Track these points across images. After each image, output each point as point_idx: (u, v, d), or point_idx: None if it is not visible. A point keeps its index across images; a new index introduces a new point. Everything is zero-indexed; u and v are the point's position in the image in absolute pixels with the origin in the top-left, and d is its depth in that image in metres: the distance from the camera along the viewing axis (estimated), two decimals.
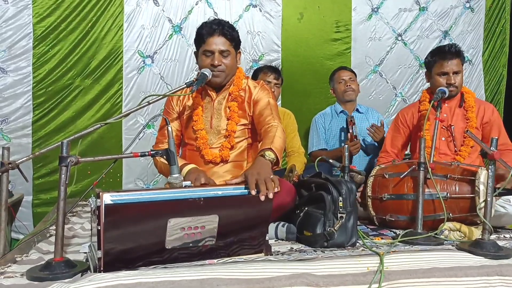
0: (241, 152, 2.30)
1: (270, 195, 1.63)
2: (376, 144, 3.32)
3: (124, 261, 1.57)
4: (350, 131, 3.12)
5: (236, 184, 1.79)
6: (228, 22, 2.24)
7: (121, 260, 1.56)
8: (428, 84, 2.93)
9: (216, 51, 2.18)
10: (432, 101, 2.60)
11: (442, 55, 2.73)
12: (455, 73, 2.70)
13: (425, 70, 2.89)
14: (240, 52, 2.31)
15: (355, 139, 3.11)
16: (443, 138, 2.73)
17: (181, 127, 2.36)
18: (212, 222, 1.65)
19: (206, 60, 2.20)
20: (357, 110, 3.53)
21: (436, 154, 2.65)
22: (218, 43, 2.17)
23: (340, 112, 3.50)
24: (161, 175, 3.19)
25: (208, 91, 2.28)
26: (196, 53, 2.31)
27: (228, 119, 2.26)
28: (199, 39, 2.23)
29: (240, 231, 1.73)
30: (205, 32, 2.19)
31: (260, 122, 2.22)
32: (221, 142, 2.27)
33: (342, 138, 3.30)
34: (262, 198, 1.62)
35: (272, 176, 1.75)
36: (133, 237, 1.57)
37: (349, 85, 3.42)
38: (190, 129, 2.31)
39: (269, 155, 1.93)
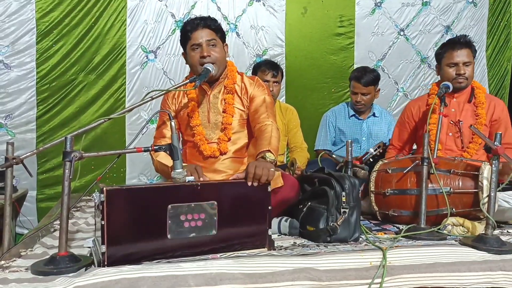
0: (240, 148, 2.30)
1: (255, 183, 1.77)
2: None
3: (127, 256, 1.58)
4: (370, 151, 2.99)
5: (237, 178, 1.83)
6: (209, 16, 2.27)
7: (124, 255, 1.57)
8: (430, 79, 2.89)
9: (203, 43, 2.18)
10: (436, 96, 2.57)
11: (452, 45, 2.67)
12: (465, 64, 2.63)
13: (436, 63, 2.81)
14: (226, 45, 2.30)
15: (363, 161, 2.97)
16: (450, 134, 2.67)
17: (179, 125, 2.36)
18: (211, 209, 1.68)
19: (195, 55, 2.19)
20: (374, 114, 3.47)
21: (442, 149, 2.63)
22: (203, 35, 2.19)
23: (351, 116, 3.47)
24: None
25: (202, 86, 2.27)
26: (184, 55, 2.30)
27: (223, 112, 2.26)
28: (185, 38, 2.22)
29: (240, 220, 1.76)
30: (189, 28, 2.20)
31: (255, 119, 2.23)
32: (219, 136, 2.27)
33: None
34: (249, 183, 1.77)
35: (272, 169, 1.79)
36: (134, 224, 1.59)
37: (359, 101, 3.35)
38: (188, 126, 2.31)
39: (269, 156, 1.95)
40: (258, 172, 1.76)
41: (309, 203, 2.11)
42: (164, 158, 2.17)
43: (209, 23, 2.21)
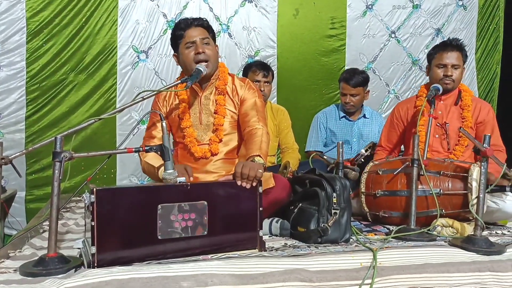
0: (232, 149, 2.29)
1: (248, 186, 1.78)
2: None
3: (117, 257, 1.57)
4: (362, 152, 3.00)
5: (227, 180, 1.84)
6: (200, 17, 2.29)
7: (114, 256, 1.57)
8: (421, 81, 2.91)
9: (197, 40, 2.19)
10: (426, 98, 2.59)
11: (443, 47, 2.71)
12: (454, 66, 2.66)
13: (427, 64, 2.84)
14: (217, 46, 2.31)
15: (355, 162, 2.98)
16: (437, 136, 2.69)
17: (170, 127, 2.35)
18: (201, 209, 1.69)
19: (190, 52, 2.19)
20: (364, 116, 3.49)
21: (429, 151, 2.64)
22: (197, 33, 2.20)
23: (342, 117, 3.49)
24: None
25: (194, 87, 2.27)
26: (176, 56, 2.29)
27: (215, 113, 2.26)
28: (178, 37, 2.22)
29: (231, 221, 1.76)
30: (183, 26, 2.21)
31: (245, 122, 2.22)
32: (210, 137, 2.27)
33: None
34: (241, 183, 1.78)
35: (260, 170, 1.80)
36: (125, 225, 1.58)
37: (348, 102, 3.37)
38: (179, 127, 2.31)
39: (259, 160, 1.95)
40: (245, 172, 1.77)
41: (300, 204, 2.11)
42: (152, 159, 2.16)
43: (201, 22, 2.24)
